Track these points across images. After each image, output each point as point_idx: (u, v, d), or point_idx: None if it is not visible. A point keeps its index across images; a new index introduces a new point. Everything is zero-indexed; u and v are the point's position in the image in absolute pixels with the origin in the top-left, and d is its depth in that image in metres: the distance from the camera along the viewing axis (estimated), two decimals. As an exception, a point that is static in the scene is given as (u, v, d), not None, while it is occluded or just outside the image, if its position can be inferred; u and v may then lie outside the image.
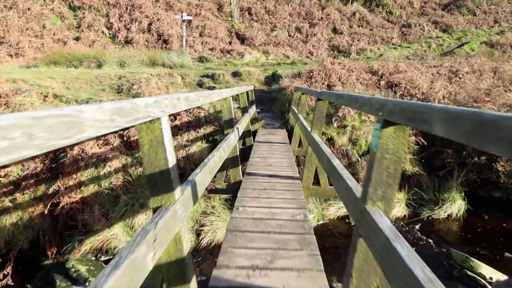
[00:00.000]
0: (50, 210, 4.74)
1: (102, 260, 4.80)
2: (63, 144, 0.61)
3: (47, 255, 4.78)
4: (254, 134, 6.25)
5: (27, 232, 4.72)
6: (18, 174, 5.00)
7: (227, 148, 2.42)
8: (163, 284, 1.35)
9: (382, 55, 15.68)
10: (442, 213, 6.07)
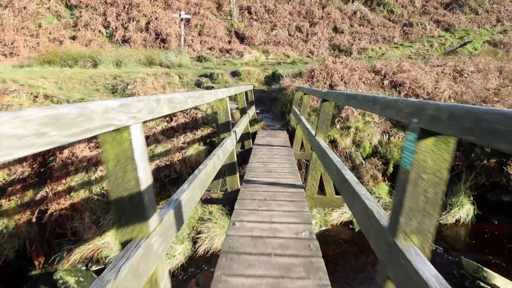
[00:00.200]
0: (37, 218, 4.47)
1: (92, 270, 4.54)
2: None
3: (35, 265, 4.52)
4: (253, 136, 5.99)
5: (13, 241, 4.45)
6: (4, 179, 4.73)
7: (222, 155, 2.15)
8: None
9: (383, 55, 15.43)
10: (450, 218, 5.81)
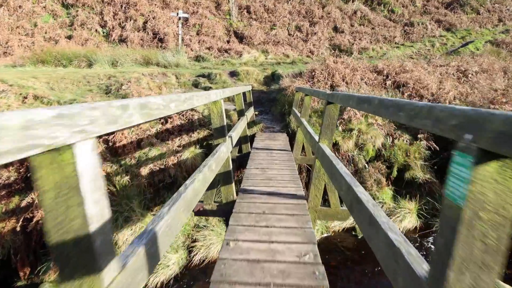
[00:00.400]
0: (22, 226, 4.22)
1: (81, 281, 4.28)
2: None
3: (20, 276, 4.27)
4: (252, 138, 5.74)
5: (-4, 251, 4.20)
6: (-12, 185, 4.48)
7: (215, 165, 1.90)
8: None
9: (385, 54, 15.21)
10: (457, 224, 5.58)
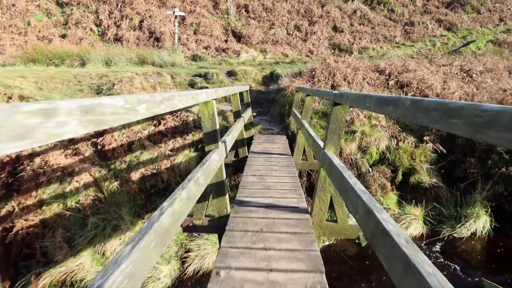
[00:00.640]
0: (1, 237, 3.91)
1: (65, 296, 3.98)
2: None
3: (-1, 291, 3.96)
4: (249, 141, 5.44)
5: (-27, 263, 3.89)
6: (-35, 192, 4.16)
7: (204, 178, 1.59)
8: None
9: (385, 54, 14.96)
10: (465, 231, 5.30)
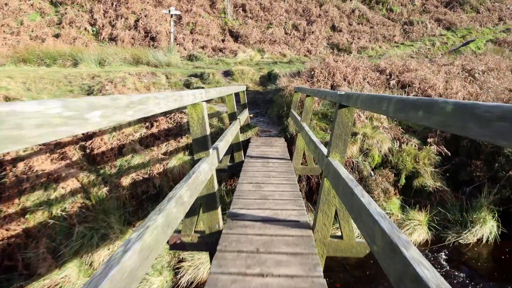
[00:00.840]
0: (-21, 248, 3.66)
1: (49, 311, 3.72)
2: None
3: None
4: (246, 144, 5.21)
5: (-50, 277, 3.63)
6: None
7: (189, 195, 1.32)
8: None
9: (384, 54, 14.77)
10: (471, 237, 5.08)
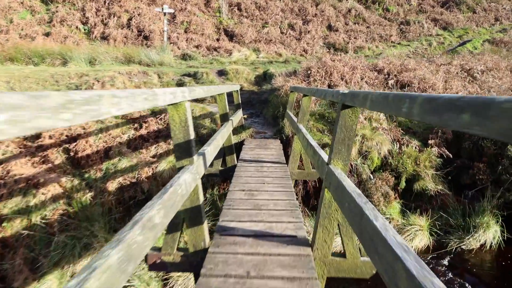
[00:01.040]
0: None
1: (27, 327, 3.46)
2: None
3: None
4: (240, 146, 4.96)
5: None
6: None
7: (162, 215, 1.00)
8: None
9: (381, 54, 14.62)
10: (474, 242, 4.90)
